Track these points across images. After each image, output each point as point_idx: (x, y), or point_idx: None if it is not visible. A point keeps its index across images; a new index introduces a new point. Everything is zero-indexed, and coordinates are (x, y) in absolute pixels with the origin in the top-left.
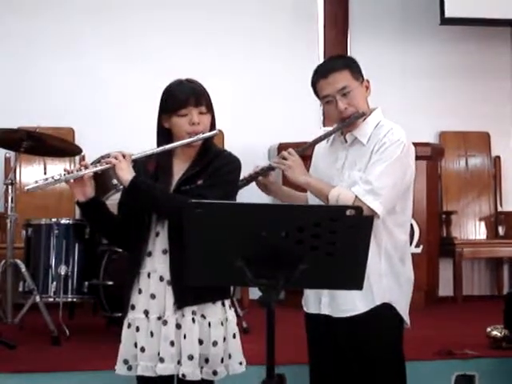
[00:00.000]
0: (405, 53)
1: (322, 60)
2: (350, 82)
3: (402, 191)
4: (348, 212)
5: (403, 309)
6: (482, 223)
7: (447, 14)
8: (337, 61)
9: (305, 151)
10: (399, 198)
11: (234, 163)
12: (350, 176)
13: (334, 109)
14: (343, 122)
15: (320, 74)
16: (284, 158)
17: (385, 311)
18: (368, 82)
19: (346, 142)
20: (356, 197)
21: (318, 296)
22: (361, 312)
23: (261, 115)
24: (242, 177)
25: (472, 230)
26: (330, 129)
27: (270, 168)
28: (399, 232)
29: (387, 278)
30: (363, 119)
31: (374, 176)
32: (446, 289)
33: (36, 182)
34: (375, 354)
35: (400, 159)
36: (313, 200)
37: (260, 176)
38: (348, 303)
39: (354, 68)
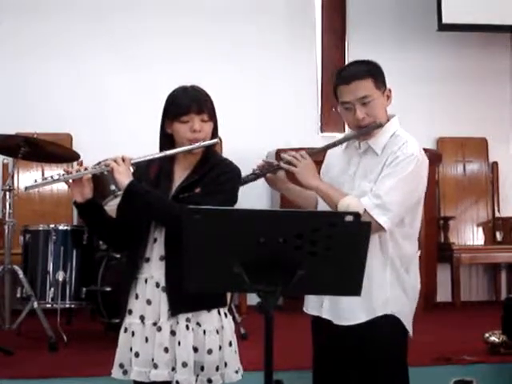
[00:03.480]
0: (402, 58)
1: (319, 66)
2: (372, 92)
3: (411, 206)
4: (346, 218)
5: (407, 319)
6: (480, 229)
7: (445, 20)
8: (361, 67)
9: (316, 155)
10: (408, 212)
11: (232, 172)
12: (361, 186)
13: (351, 116)
14: (359, 131)
15: (342, 79)
16: (296, 159)
17: (387, 322)
18: (390, 91)
19: (360, 148)
20: (365, 210)
21: (319, 299)
22: (361, 321)
23: (259, 121)
24: (251, 170)
25: (470, 235)
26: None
27: (280, 168)
28: (406, 244)
29: (392, 289)
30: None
31: (383, 190)
32: (443, 294)
33: (35, 181)
34: (377, 363)
35: (412, 174)
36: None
37: (269, 173)
38: (348, 312)
39: (377, 76)
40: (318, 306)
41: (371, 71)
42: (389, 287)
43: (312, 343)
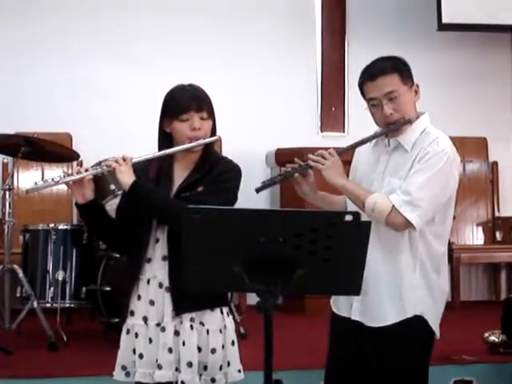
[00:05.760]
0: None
1: (319, 66)
2: (399, 87)
3: (442, 203)
4: (346, 217)
5: (434, 321)
6: (480, 228)
7: (444, 20)
8: (387, 63)
9: (344, 153)
10: (439, 210)
11: (234, 170)
12: (390, 183)
13: (379, 112)
14: (388, 128)
15: (368, 76)
16: (323, 158)
17: (416, 323)
18: (418, 86)
19: (389, 145)
20: (393, 206)
21: (349, 300)
22: (391, 323)
23: (258, 121)
24: (278, 172)
25: (469, 235)
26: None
27: (308, 166)
28: (437, 243)
29: (421, 290)
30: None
31: (413, 187)
32: None
33: (36, 183)
34: (400, 365)
35: (442, 170)
36: (351, 204)
37: (297, 173)
38: (379, 313)
39: (403, 72)
40: (348, 307)
41: (396, 66)
42: (417, 288)
43: (329, 342)
